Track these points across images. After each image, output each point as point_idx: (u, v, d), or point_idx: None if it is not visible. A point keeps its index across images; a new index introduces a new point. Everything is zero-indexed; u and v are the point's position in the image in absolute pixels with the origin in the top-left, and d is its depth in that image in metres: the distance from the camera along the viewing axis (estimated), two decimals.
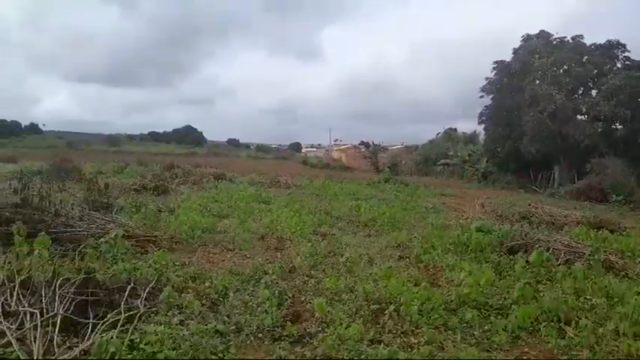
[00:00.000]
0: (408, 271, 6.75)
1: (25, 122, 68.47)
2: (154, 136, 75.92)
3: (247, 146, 77.10)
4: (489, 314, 5.18)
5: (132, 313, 4.28)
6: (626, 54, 26.98)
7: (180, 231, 8.60)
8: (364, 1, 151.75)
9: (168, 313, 4.42)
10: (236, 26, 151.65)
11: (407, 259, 7.68)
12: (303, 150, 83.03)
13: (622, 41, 27.30)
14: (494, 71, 30.98)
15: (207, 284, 5.56)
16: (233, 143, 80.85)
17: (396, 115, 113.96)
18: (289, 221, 10.14)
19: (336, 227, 10.26)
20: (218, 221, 9.97)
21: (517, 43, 30.45)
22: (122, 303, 4.36)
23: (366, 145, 43.76)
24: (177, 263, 6.52)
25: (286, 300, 5.34)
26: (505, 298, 5.65)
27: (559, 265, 7.04)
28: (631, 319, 4.82)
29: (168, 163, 23.37)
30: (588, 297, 5.68)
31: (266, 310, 4.78)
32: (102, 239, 6.81)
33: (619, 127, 25.61)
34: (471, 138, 39.87)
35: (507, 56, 30.75)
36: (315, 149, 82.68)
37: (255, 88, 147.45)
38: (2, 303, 4.08)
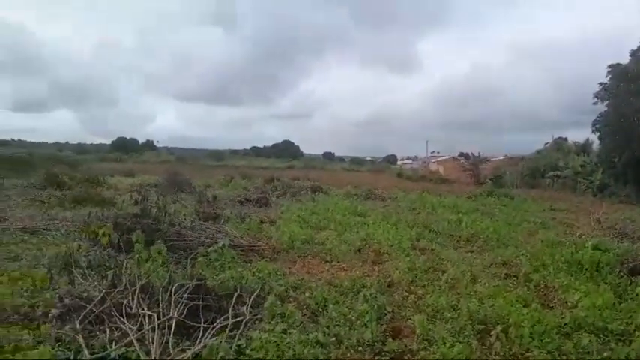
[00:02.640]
0: (516, 291, 6.34)
1: (141, 139, 75.63)
2: (255, 151, 79.72)
3: (342, 159, 78.05)
4: (609, 340, 4.75)
5: (238, 319, 4.48)
6: None
7: (280, 241, 8.89)
8: (461, 8, 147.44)
9: (272, 321, 4.57)
10: (331, 40, 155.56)
11: (514, 278, 7.21)
12: (399, 162, 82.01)
13: None
14: (609, 75, 28.38)
15: (307, 294, 5.69)
16: (328, 157, 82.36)
17: (497, 124, 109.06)
18: (386, 234, 10.05)
19: (435, 242, 9.92)
20: (316, 233, 10.16)
21: (634, 44, 27.67)
22: (230, 309, 4.58)
23: (466, 156, 42.24)
24: (278, 273, 6.73)
25: (385, 315, 5.27)
26: (627, 324, 5.13)
27: None
28: None
29: (269, 176, 24.32)
30: None
31: (365, 324, 4.76)
32: (211, 248, 7.26)
33: None
34: (584, 148, 36.65)
35: (623, 59, 28.08)
36: (411, 162, 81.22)
37: (349, 101, 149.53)
38: (124, 305, 4.46)
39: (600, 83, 28.81)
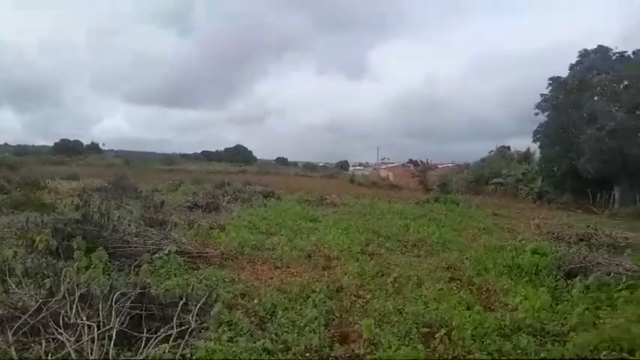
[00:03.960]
0: (460, 294, 6.55)
1: (86, 141, 72.49)
2: (207, 155, 78.27)
3: (295, 164, 78.09)
4: (546, 341, 4.97)
5: (183, 328, 4.38)
6: None
7: (230, 248, 8.77)
8: (415, 19, 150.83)
9: (219, 330, 4.49)
10: (289, 45, 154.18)
11: (458, 282, 7.45)
12: (351, 168, 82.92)
13: None
14: (550, 88, 30.01)
15: (255, 301, 5.64)
16: (281, 162, 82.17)
17: (448, 132, 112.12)
18: (337, 240, 10.16)
19: (384, 247, 10.11)
20: (266, 239, 10.08)
21: (573, 59, 29.43)
22: (174, 318, 4.47)
23: (415, 163, 43.15)
24: (226, 279, 6.63)
25: (333, 320, 5.32)
26: (562, 325, 5.39)
27: (620, 290, 6.63)
28: None
29: (220, 181, 23.96)
30: None
31: (314, 330, 4.77)
32: (156, 255, 7.06)
33: None
34: (525, 156, 38.53)
35: (563, 72, 29.77)
36: (362, 168, 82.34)
37: (304, 107, 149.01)
38: (62, 315, 4.27)
39: (542, 95, 30.42)
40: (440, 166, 49.94)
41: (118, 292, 4.64)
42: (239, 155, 75.21)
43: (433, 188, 34.64)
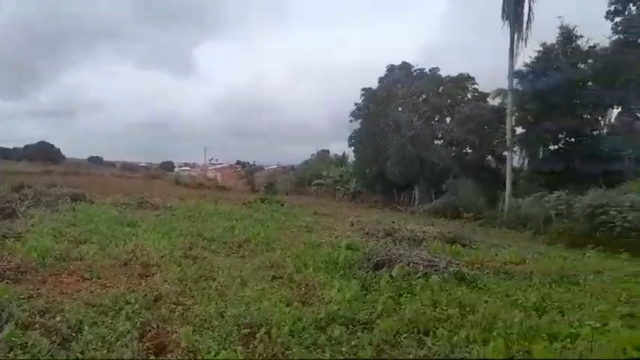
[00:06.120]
0: (281, 292, 6.75)
1: None
2: (2, 153, 67.22)
3: (112, 164, 71.90)
4: (356, 329, 5.36)
5: None
6: (475, 86, 30.55)
7: (28, 259, 7.64)
8: (243, 20, 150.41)
9: (10, 354, 3.93)
10: (104, 34, 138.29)
11: (280, 279, 7.66)
12: (176, 169, 79.67)
13: (471, 74, 30.88)
14: (363, 98, 33.14)
15: (58, 319, 4.99)
16: (95, 161, 74.92)
17: (274, 135, 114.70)
18: (157, 245, 9.65)
19: (208, 250, 9.93)
20: (74, 247, 9.02)
21: (383, 73, 32.99)
22: None
23: (242, 164, 43.58)
24: (22, 296, 5.75)
25: (150, 331, 4.99)
26: (370, 313, 5.88)
27: (418, 278, 7.55)
28: (480, 326, 5.32)
29: (18, 182, 20.80)
30: (444, 308, 6.12)
31: (126, 344, 4.42)
32: None
33: (469, 151, 28.80)
34: (342, 159, 41.84)
35: (375, 84, 33.14)
36: (189, 168, 79.76)
37: (123, 102, 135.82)
38: None
39: (355, 104, 33.48)
40: (266, 168, 51.35)
41: None
42: (43, 153, 66.11)
43: (260, 189, 35.34)
